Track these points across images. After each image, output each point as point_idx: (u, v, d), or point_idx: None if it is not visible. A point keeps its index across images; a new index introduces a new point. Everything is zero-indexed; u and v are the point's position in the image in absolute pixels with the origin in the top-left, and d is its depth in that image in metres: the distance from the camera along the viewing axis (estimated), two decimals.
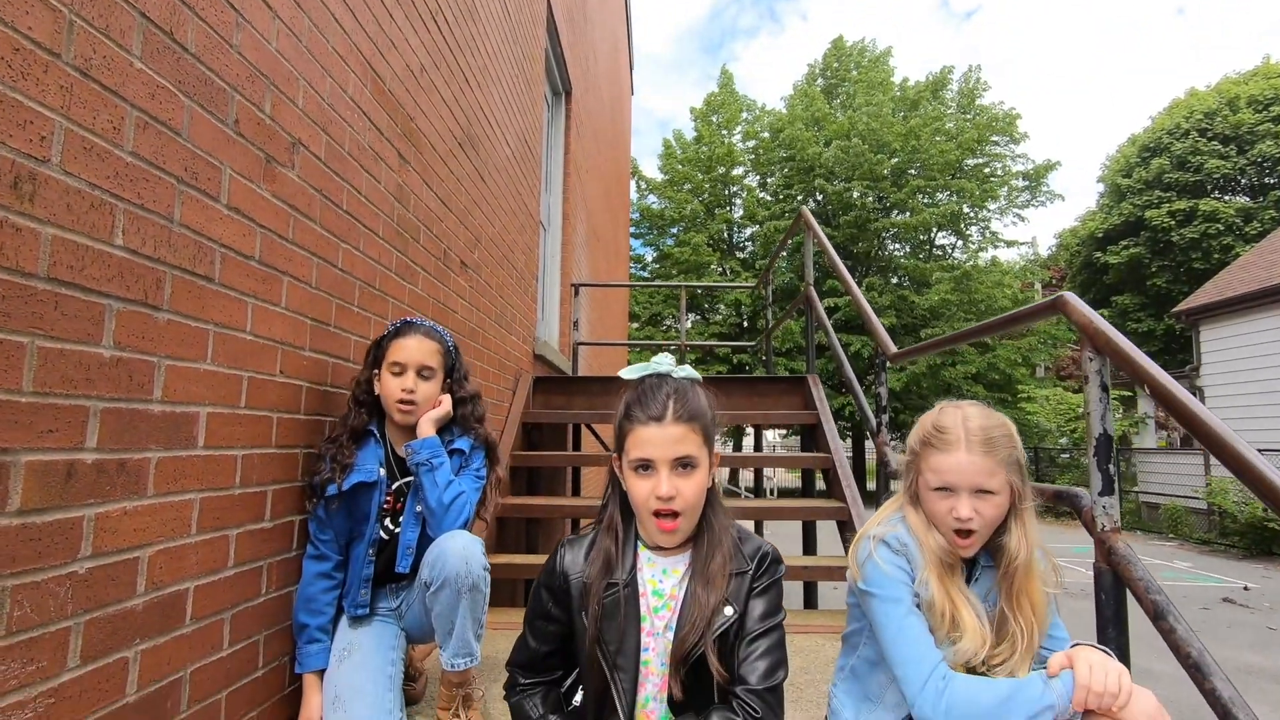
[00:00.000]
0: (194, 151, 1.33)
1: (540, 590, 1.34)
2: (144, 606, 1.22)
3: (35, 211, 0.99)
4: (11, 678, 0.97)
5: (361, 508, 1.77)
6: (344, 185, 1.96)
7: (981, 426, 1.39)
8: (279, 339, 1.64)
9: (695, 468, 1.23)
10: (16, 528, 0.97)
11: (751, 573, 1.25)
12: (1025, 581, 1.36)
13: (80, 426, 1.08)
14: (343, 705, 1.60)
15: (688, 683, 1.20)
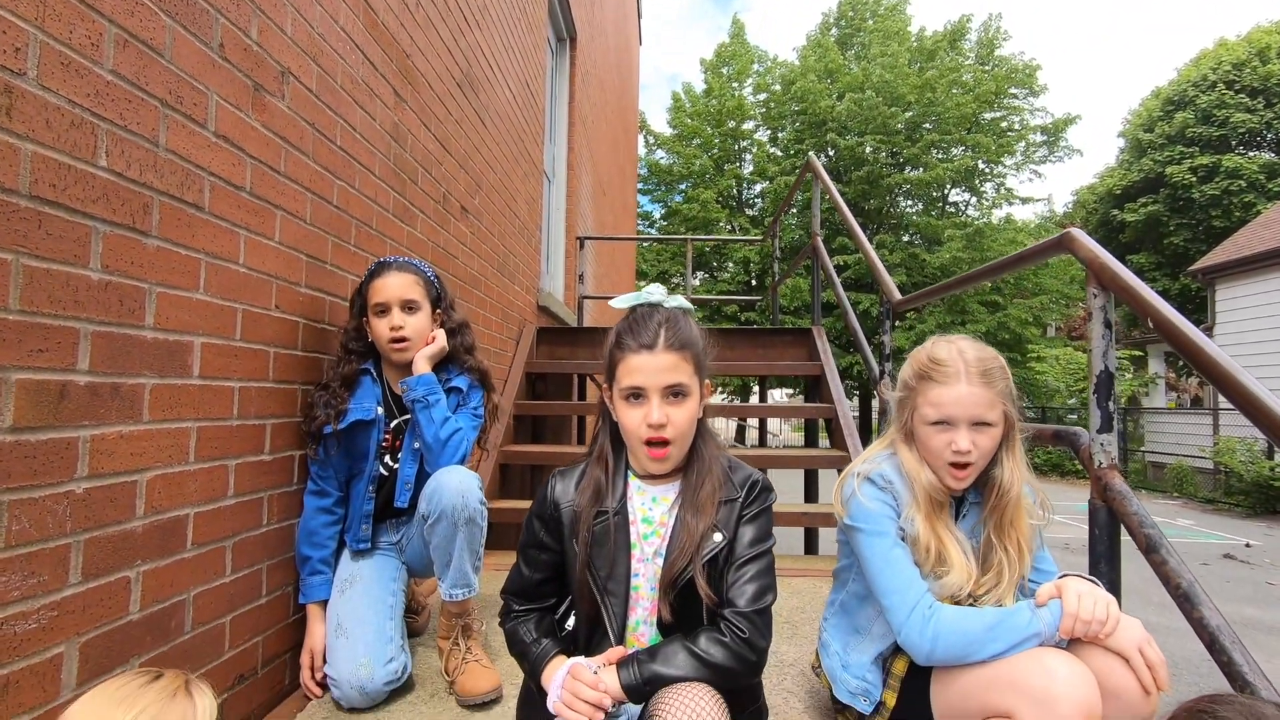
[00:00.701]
0: (178, 74, 1.30)
1: (532, 520, 1.36)
2: (144, 529, 1.24)
3: (13, 126, 0.98)
4: (13, 589, 0.99)
5: (360, 445, 1.78)
6: (337, 120, 1.92)
7: (979, 358, 1.38)
8: (273, 273, 1.63)
9: (686, 396, 1.22)
10: (10, 444, 0.98)
11: (741, 500, 1.26)
12: (1014, 513, 1.37)
13: (71, 348, 1.08)
14: (345, 633, 1.64)
15: (677, 606, 1.21)
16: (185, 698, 1.01)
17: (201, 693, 1.04)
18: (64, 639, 1.07)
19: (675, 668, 1.11)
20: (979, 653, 1.22)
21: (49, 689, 1.05)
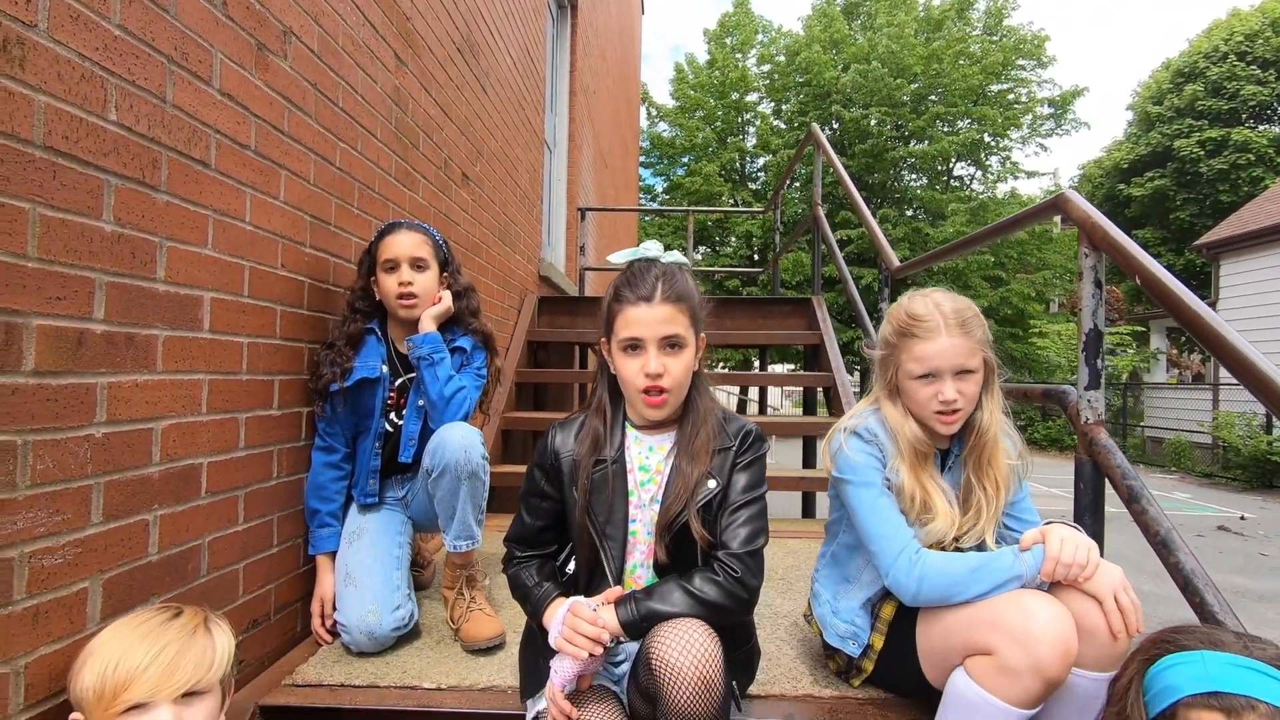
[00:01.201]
0: (183, 30, 1.32)
1: (534, 470, 1.40)
2: (160, 475, 1.29)
3: (26, 77, 1.00)
4: (39, 525, 1.04)
5: (366, 403, 1.83)
6: (339, 81, 1.93)
7: (955, 310, 1.41)
8: (279, 232, 1.66)
9: (683, 347, 1.26)
10: (33, 386, 1.02)
11: (735, 449, 1.30)
12: (992, 452, 1.42)
13: (87, 297, 1.11)
14: (354, 582, 1.70)
15: (672, 549, 1.27)
16: (204, 634, 1.07)
17: (219, 629, 1.10)
18: (88, 575, 1.13)
19: (671, 605, 1.16)
20: (963, 594, 1.27)
21: (75, 621, 1.10)
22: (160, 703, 0.99)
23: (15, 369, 1.00)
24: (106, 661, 0.99)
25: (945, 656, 1.31)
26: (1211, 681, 0.90)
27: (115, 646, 1.01)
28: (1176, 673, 0.94)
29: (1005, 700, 1.18)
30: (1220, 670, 0.91)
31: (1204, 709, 0.89)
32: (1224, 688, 0.89)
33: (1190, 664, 0.93)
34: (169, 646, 1.02)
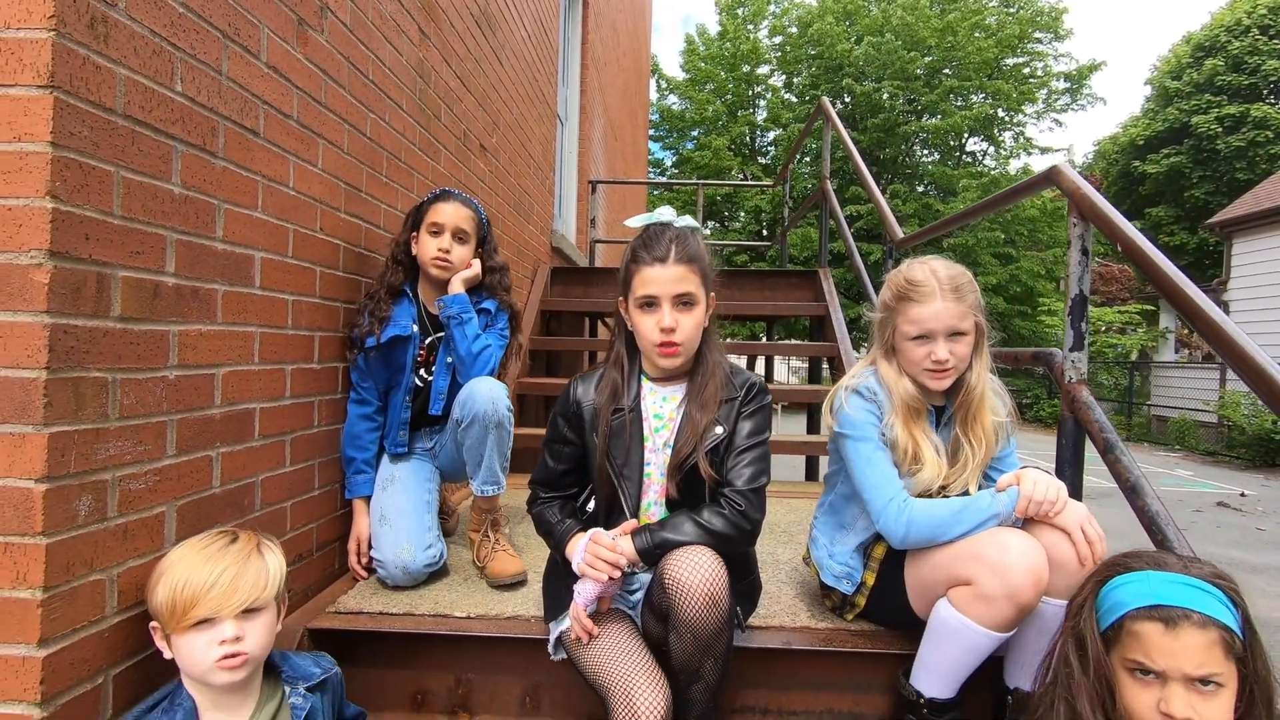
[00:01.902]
0: (234, 7, 1.42)
1: (557, 418, 1.53)
2: (220, 417, 1.42)
3: (109, 52, 1.12)
4: (126, 453, 1.18)
5: (397, 359, 1.96)
6: (369, 55, 2.03)
7: (950, 276, 1.52)
8: (318, 197, 1.78)
9: (694, 305, 1.38)
10: (119, 330, 1.15)
11: (740, 399, 1.43)
12: (979, 408, 1.53)
13: (161, 252, 1.24)
14: (389, 522, 1.85)
15: (683, 487, 1.40)
16: (258, 557, 1.21)
17: (272, 552, 1.24)
18: (165, 501, 1.27)
19: (682, 534, 1.30)
20: (947, 534, 1.40)
21: (155, 540, 1.25)
22: (224, 618, 1.13)
23: (105, 315, 1.13)
24: (176, 582, 1.13)
25: (930, 589, 1.44)
26: (1153, 596, 1.03)
27: (182, 568, 1.15)
28: (1124, 590, 1.06)
29: (982, 624, 1.32)
30: (1161, 587, 1.03)
31: (1145, 620, 1.02)
32: (1163, 601, 1.02)
33: (1136, 582, 1.06)
34: (229, 569, 1.16)
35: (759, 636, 1.62)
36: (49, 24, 1.01)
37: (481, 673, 1.66)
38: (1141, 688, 1.02)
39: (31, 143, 1.02)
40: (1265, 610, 5.01)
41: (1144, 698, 1.02)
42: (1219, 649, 0.98)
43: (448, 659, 1.67)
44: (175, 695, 1.16)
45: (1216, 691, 0.99)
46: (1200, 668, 0.98)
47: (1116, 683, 1.05)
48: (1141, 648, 1.02)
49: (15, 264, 1.02)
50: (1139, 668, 1.02)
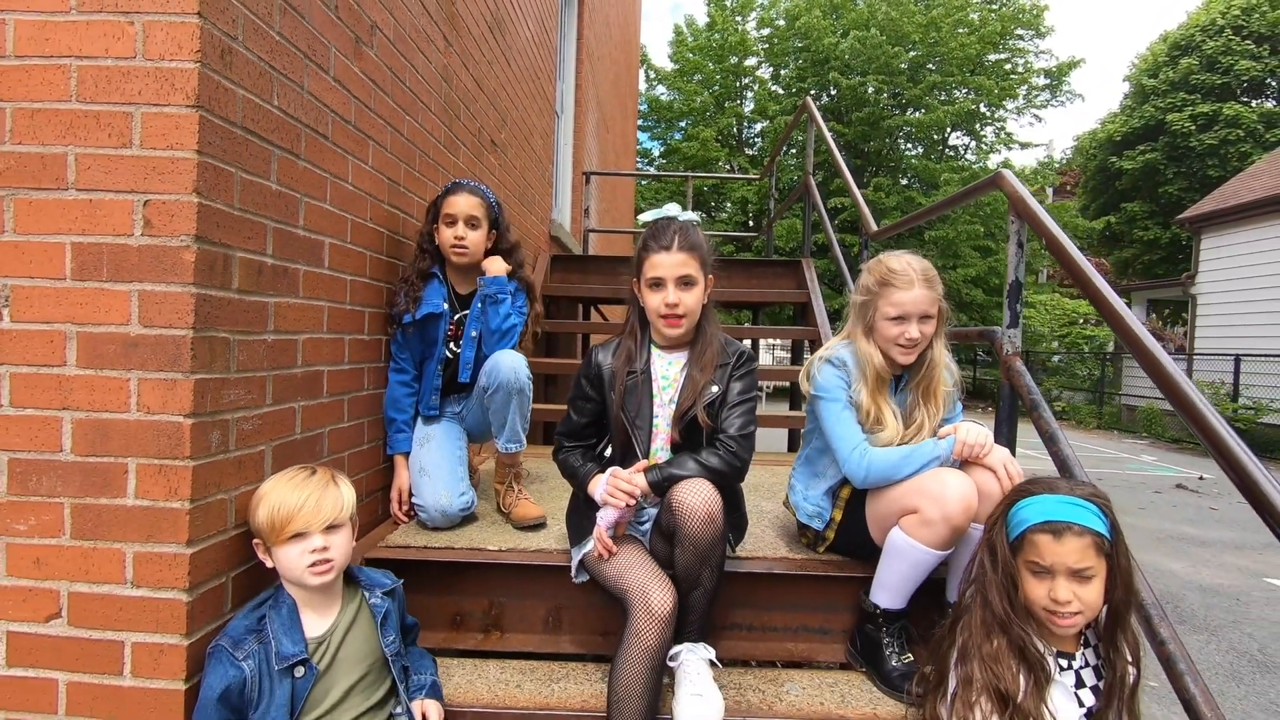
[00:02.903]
0: (312, 32, 1.70)
1: (580, 380, 1.83)
2: (300, 375, 1.71)
3: (233, 76, 1.39)
4: (240, 401, 1.46)
5: (430, 334, 2.24)
6: (407, 64, 2.30)
7: (923, 268, 1.84)
8: (368, 191, 2.05)
9: (694, 285, 1.69)
10: (236, 300, 1.44)
11: (732, 365, 1.74)
12: (936, 380, 1.85)
13: (264, 237, 1.52)
14: (428, 473, 2.14)
15: (684, 435, 1.71)
16: (334, 486, 1.50)
17: (344, 483, 1.53)
18: (265, 441, 1.56)
19: (685, 470, 1.61)
20: (898, 474, 1.72)
21: (258, 473, 1.54)
22: (313, 532, 1.42)
23: (228, 287, 1.41)
24: (273, 504, 1.42)
25: (886, 519, 1.76)
26: (1045, 514, 1.35)
27: (277, 494, 1.44)
28: (1026, 510, 1.39)
29: (926, 544, 1.65)
30: (1052, 506, 1.35)
31: (1040, 532, 1.34)
32: (1052, 517, 1.34)
33: (1034, 503, 1.38)
34: (313, 494, 1.45)
35: (746, 565, 1.93)
36: (195, 56, 1.29)
37: (511, 597, 1.97)
38: (1037, 581, 1.35)
39: (181, 150, 1.30)
40: (1209, 577, 5.45)
41: (1039, 589, 1.34)
42: (1092, 549, 1.31)
43: (482, 586, 1.97)
44: (278, 595, 1.46)
45: (1091, 579, 1.31)
46: (1079, 563, 1.30)
47: (1019, 578, 1.37)
48: (1037, 552, 1.34)
49: (169, 246, 1.30)
50: (1035, 567, 1.35)
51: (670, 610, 1.51)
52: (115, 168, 1.30)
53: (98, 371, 1.31)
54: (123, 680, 1.34)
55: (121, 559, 1.32)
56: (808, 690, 1.75)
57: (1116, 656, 1.32)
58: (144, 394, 1.31)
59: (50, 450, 1.32)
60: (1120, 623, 1.32)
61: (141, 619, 1.33)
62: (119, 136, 1.30)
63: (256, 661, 1.34)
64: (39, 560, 1.33)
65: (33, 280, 1.31)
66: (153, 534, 1.32)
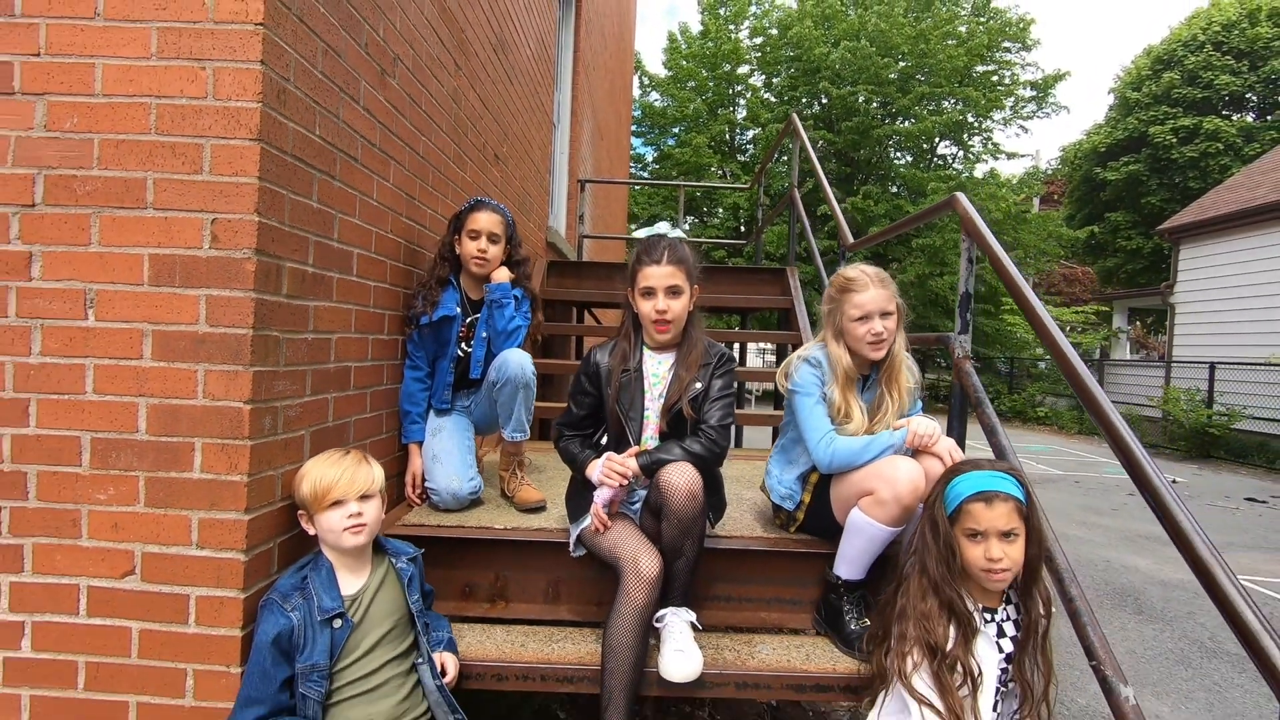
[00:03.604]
0: (347, 69, 1.93)
1: (580, 376, 2.07)
2: (334, 370, 1.94)
3: (286, 112, 1.62)
4: (287, 392, 1.69)
5: (444, 335, 2.47)
6: (423, 89, 2.54)
7: (876, 272, 2.09)
8: (389, 206, 2.28)
9: (681, 294, 1.93)
10: (284, 304, 1.66)
11: (714, 364, 1.98)
12: (898, 370, 2.10)
13: (306, 249, 1.75)
14: (440, 460, 2.37)
15: (671, 425, 1.95)
16: (365, 464, 1.73)
17: (374, 462, 1.76)
18: (304, 427, 1.79)
19: (671, 455, 1.85)
20: (858, 460, 1.96)
21: (299, 454, 1.76)
22: (350, 500, 1.65)
23: (278, 292, 1.64)
24: (315, 478, 1.65)
25: (847, 501, 2.01)
26: (977, 485, 1.60)
27: (318, 470, 1.67)
28: (960, 485, 1.63)
29: (880, 522, 1.89)
30: (982, 479, 1.60)
31: (974, 501, 1.59)
32: (984, 487, 1.59)
33: (967, 479, 1.63)
34: (348, 469, 1.68)
35: (725, 543, 2.17)
36: (258, 98, 1.52)
37: (515, 571, 2.20)
38: (973, 544, 1.59)
39: (245, 177, 1.53)
40: (1170, 573, 5.74)
41: (975, 551, 1.59)
42: (1016, 513, 1.56)
43: (489, 561, 2.20)
44: (317, 559, 1.68)
45: (1015, 539, 1.56)
46: (1007, 525, 1.55)
47: (958, 546, 1.62)
48: (973, 519, 1.59)
49: (233, 258, 1.53)
50: (971, 532, 1.59)
51: (657, 574, 1.75)
52: (187, 191, 1.53)
53: (170, 364, 1.54)
54: (187, 628, 1.56)
55: (188, 524, 1.55)
56: (777, 650, 1.99)
57: (1032, 606, 1.57)
58: (210, 383, 1.54)
59: (127, 431, 1.55)
60: (1034, 577, 1.57)
61: (205, 575, 1.55)
62: (191, 164, 1.53)
63: (302, 614, 1.57)
64: (116, 525, 1.55)
65: (114, 285, 1.54)
66: (215, 503, 1.55)
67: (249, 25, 1.51)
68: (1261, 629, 1.09)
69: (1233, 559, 6.16)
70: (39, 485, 1.56)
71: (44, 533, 1.56)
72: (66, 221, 1.54)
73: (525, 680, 1.87)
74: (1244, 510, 8.36)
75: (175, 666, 1.56)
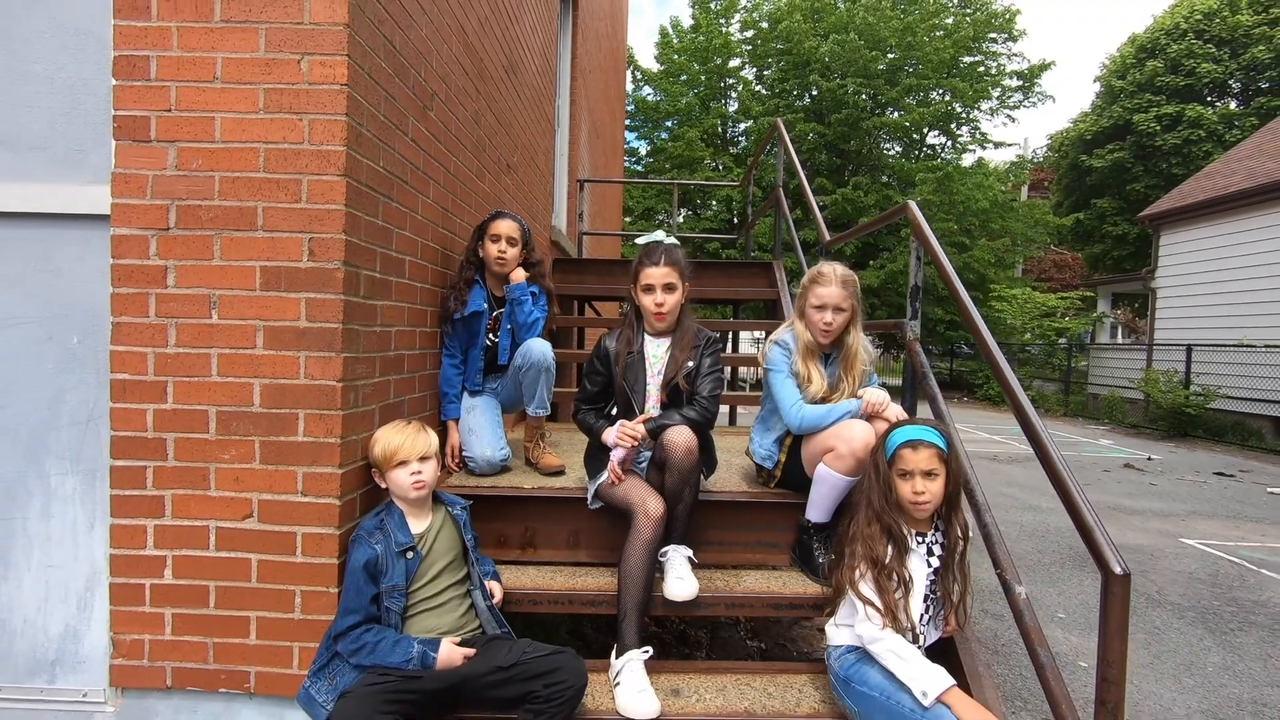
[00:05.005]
0: (399, 109, 2.35)
1: (593, 359, 2.51)
2: (392, 357, 2.37)
3: (361, 150, 2.04)
4: (363, 374, 2.12)
5: (474, 327, 2.90)
6: (452, 116, 2.96)
7: (842, 274, 2.53)
8: (429, 219, 2.71)
9: (675, 289, 2.37)
10: (362, 304, 2.09)
11: (703, 346, 2.42)
12: (853, 359, 2.54)
13: (374, 259, 2.18)
14: (475, 432, 2.81)
15: (669, 397, 2.39)
16: (423, 431, 2.16)
17: (430, 432, 2.20)
18: (375, 403, 2.22)
19: (672, 420, 2.29)
20: (823, 423, 2.40)
21: (371, 424, 2.20)
22: (412, 460, 2.08)
23: (357, 294, 2.07)
24: (385, 444, 2.08)
25: (814, 457, 2.45)
26: (908, 435, 2.04)
27: (387, 437, 2.10)
28: (895, 436, 2.07)
29: (840, 473, 2.33)
30: (911, 431, 2.04)
31: (904, 448, 2.03)
32: (911, 437, 2.03)
33: (901, 432, 2.07)
34: (410, 436, 2.11)
35: (717, 495, 2.62)
36: (344, 143, 1.95)
37: (541, 523, 2.64)
38: (904, 482, 2.03)
39: (334, 204, 1.95)
40: (1132, 538, 6.21)
41: (905, 487, 2.03)
42: (936, 458, 2.00)
43: (519, 515, 2.64)
44: (389, 507, 2.12)
45: (936, 478, 2.00)
46: (928, 466, 1.99)
47: (893, 483, 2.06)
48: (904, 462, 2.03)
49: (325, 268, 1.96)
50: (902, 472, 2.03)
51: (661, 514, 2.20)
52: (289, 216, 1.95)
53: (277, 352, 1.97)
54: (295, 558, 2.00)
55: (295, 477, 1.99)
56: (759, 580, 2.44)
57: (951, 531, 2.02)
58: (309, 367, 1.97)
59: (245, 405, 1.98)
60: (954, 508, 2.02)
61: (309, 517, 1.99)
62: (292, 195, 1.95)
63: (383, 546, 2.00)
64: (238, 479, 1.99)
65: (233, 290, 1.97)
66: (315, 460, 1.98)
67: (335, 86, 1.94)
68: (1094, 525, 1.54)
69: (1194, 526, 6.69)
70: (176, 448, 1.99)
71: (180, 486, 2.00)
72: (194, 241, 1.96)
73: (556, 604, 2.31)
74: (1211, 483, 8.87)
75: (287, 588, 2.00)
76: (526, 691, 1.90)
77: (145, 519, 2.00)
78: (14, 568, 2.04)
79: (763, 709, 2.06)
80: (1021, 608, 1.87)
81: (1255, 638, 4.10)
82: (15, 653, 2.05)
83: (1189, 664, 3.74)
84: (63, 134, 1.98)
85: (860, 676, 1.92)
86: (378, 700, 1.76)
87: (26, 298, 2.01)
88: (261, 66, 1.94)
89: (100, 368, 2.00)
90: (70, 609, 2.04)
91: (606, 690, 2.10)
